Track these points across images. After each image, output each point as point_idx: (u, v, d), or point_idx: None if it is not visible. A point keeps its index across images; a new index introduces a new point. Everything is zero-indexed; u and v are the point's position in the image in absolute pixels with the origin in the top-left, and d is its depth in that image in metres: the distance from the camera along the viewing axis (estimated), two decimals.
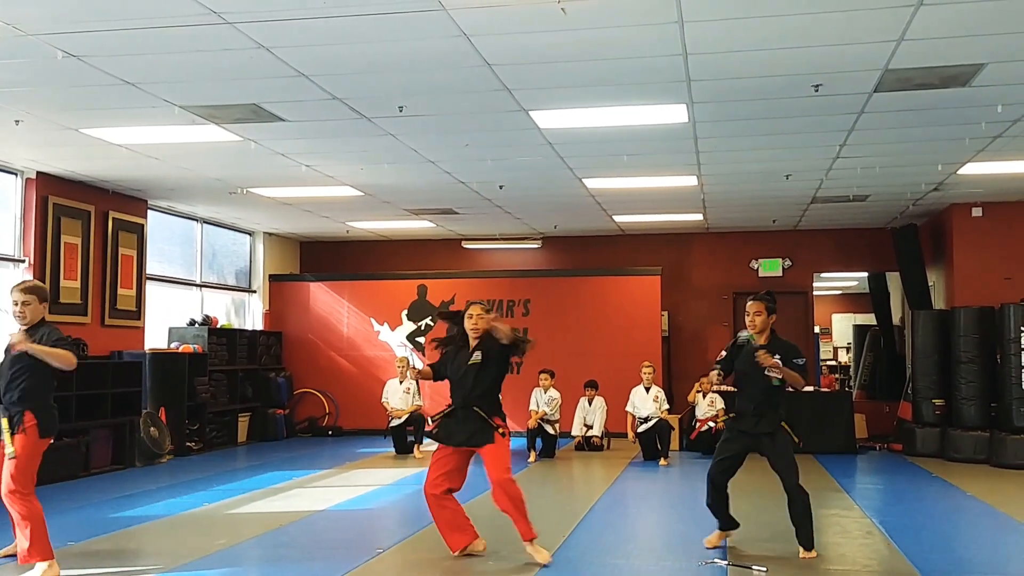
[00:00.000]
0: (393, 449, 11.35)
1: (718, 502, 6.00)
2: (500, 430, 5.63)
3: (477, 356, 5.71)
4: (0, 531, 6.26)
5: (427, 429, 5.73)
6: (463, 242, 14.59)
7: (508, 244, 14.53)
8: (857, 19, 5.27)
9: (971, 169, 9.37)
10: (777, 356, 5.73)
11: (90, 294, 10.26)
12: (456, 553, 5.68)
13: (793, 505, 5.72)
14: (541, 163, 9.09)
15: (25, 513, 5.14)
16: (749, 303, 6.00)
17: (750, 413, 5.83)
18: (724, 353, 6.06)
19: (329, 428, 13.99)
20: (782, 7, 5.08)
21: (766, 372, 5.72)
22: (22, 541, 5.21)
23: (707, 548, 5.91)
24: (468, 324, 5.76)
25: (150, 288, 11.60)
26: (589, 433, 11.61)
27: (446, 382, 5.87)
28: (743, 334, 5.99)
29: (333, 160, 9.06)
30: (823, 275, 15.07)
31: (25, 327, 5.30)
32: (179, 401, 11.25)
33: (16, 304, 5.31)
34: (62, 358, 5.25)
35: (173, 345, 11.94)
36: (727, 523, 6.06)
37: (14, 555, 5.50)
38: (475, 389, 5.69)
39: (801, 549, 5.69)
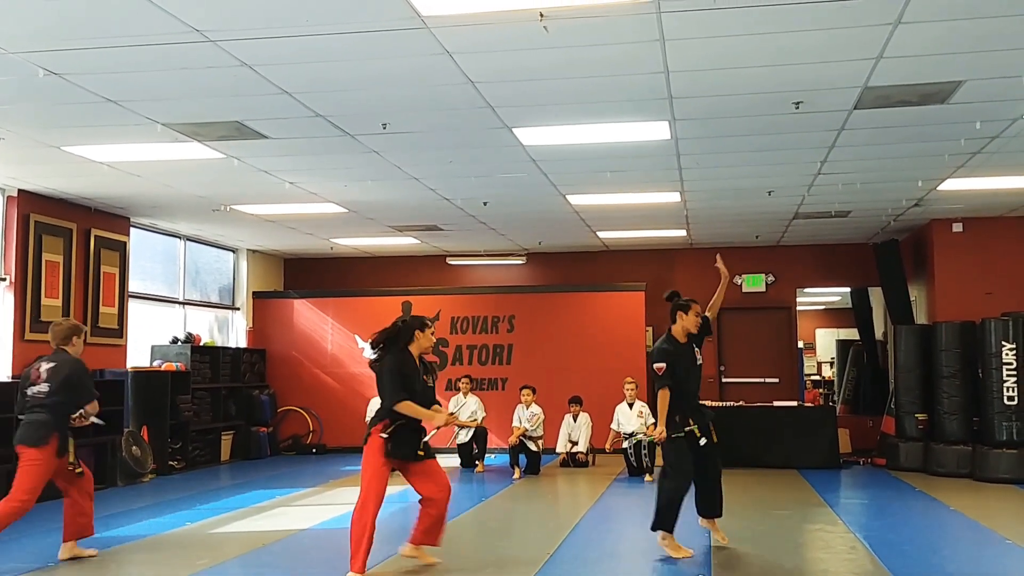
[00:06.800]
0: None
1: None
2: None
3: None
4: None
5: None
6: (447, 258, 14.59)
7: (492, 260, 14.53)
8: (837, 37, 5.33)
9: (951, 185, 9.46)
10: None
11: (72, 312, 10.19)
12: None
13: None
14: (525, 180, 9.12)
15: None
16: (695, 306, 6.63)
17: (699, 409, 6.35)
18: (664, 366, 6.27)
19: (313, 446, 13.93)
20: (762, 25, 5.13)
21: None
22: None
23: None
24: (427, 342, 6.06)
25: (132, 306, 11.54)
26: (574, 449, 11.61)
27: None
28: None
29: (317, 177, 9.05)
30: (806, 290, 15.13)
31: None
32: (161, 419, 11.17)
33: None
34: None
35: (155, 363, 11.86)
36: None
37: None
38: None
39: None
